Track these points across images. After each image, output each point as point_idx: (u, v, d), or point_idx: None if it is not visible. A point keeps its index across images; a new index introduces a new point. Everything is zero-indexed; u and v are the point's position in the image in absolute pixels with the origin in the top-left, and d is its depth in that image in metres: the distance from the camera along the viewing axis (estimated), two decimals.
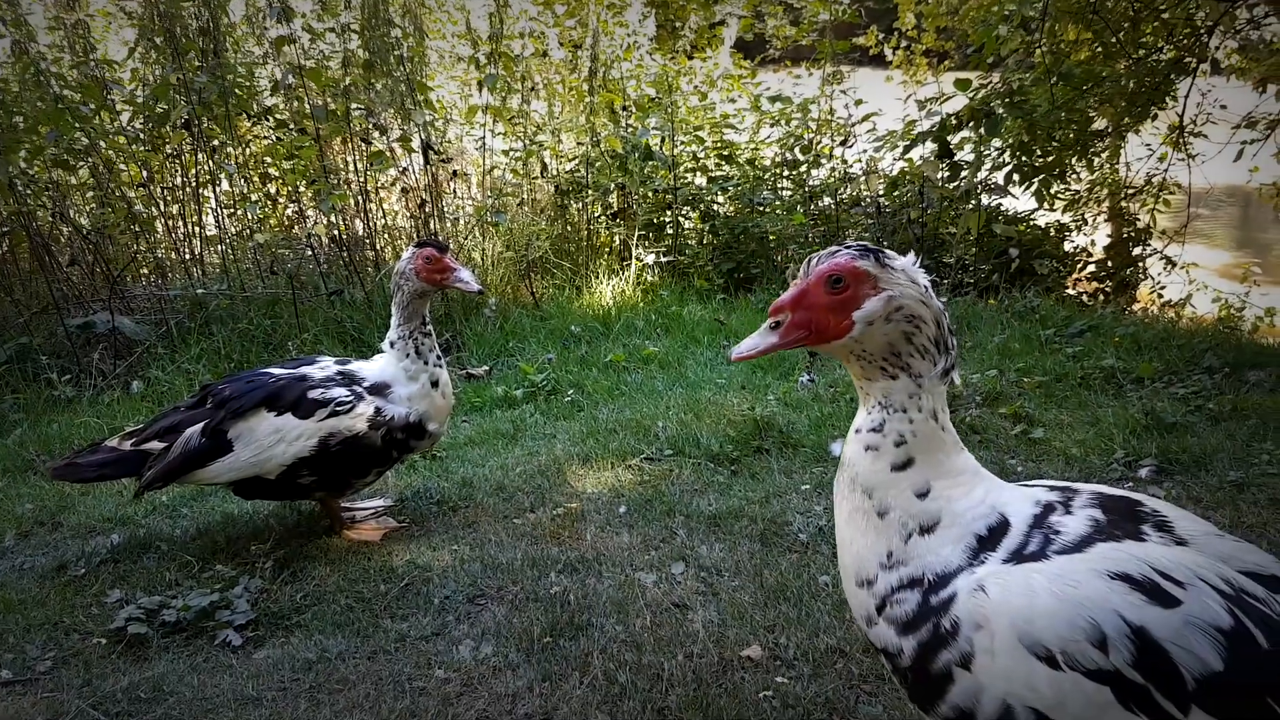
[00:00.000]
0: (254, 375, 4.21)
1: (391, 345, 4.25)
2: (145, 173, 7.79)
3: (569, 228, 9.19)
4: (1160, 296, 9.20)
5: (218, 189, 8.01)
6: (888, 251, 2.05)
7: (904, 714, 2.99)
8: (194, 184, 7.93)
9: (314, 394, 4.05)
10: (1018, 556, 1.93)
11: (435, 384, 4.26)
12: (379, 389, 4.19)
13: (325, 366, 4.25)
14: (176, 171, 8.02)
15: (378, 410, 4.12)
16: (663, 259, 9.09)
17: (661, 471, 4.91)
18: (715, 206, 9.58)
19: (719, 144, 9.84)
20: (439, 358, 4.31)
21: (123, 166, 7.90)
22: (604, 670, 3.28)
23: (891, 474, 2.05)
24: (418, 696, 3.21)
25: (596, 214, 9.45)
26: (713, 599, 3.72)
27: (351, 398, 4.09)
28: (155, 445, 4.14)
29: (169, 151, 7.92)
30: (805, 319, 2.05)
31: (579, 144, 9.22)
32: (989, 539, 1.98)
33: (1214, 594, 1.78)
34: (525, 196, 8.95)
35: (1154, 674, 1.72)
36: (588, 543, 4.20)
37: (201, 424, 4.06)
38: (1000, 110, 7.68)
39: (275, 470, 4.04)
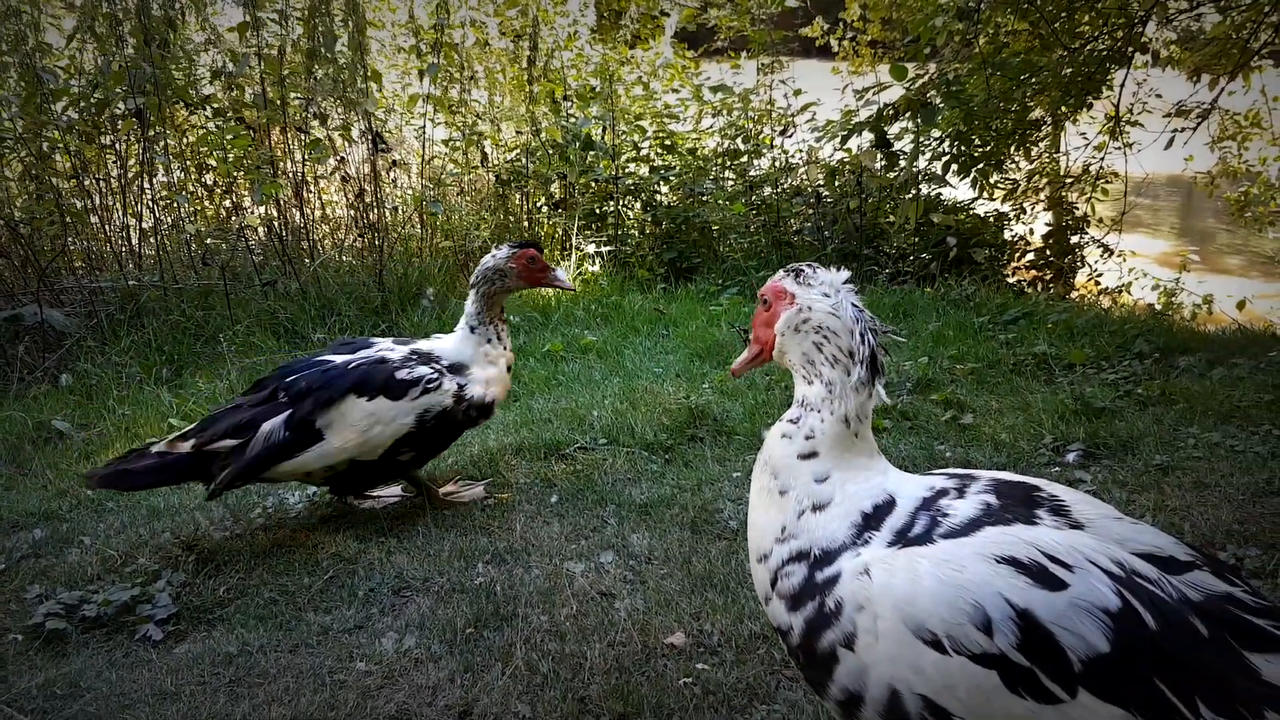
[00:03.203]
0: (312, 363, 4.24)
1: (472, 330, 4.38)
2: (79, 163, 7.62)
3: (510, 218, 9.14)
4: (1097, 284, 9.33)
5: (154, 179, 7.86)
6: (813, 270, 2.26)
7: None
8: (129, 175, 7.78)
9: (401, 374, 4.16)
10: (903, 537, 1.96)
11: (509, 369, 4.49)
12: (456, 369, 4.33)
13: (390, 348, 4.33)
14: (113, 162, 7.86)
15: (460, 387, 4.27)
16: (604, 249, 9.05)
17: (595, 461, 4.89)
18: (657, 196, 9.56)
19: (661, 134, 9.82)
20: (510, 345, 4.52)
21: (57, 159, 7.73)
22: (526, 660, 3.27)
23: (797, 460, 2.17)
24: (337, 689, 3.18)
25: (538, 204, 9.40)
26: (640, 587, 3.72)
27: (438, 374, 4.23)
28: (226, 444, 4.01)
29: (104, 142, 7.76)
30: (757, 336, 2.38)
31: (519, 133, 9.16)
32: (874, 515, 2.04)
33: (1103, 576, 1.79)
34: (465, 186, 8.88)
35: (1039, 657, 1.73)
36: (517, 533, 4.19)
37: (283, 416, 4.02)
38: (937, 100, 7.73)
39: (377, 451, 4.14)
